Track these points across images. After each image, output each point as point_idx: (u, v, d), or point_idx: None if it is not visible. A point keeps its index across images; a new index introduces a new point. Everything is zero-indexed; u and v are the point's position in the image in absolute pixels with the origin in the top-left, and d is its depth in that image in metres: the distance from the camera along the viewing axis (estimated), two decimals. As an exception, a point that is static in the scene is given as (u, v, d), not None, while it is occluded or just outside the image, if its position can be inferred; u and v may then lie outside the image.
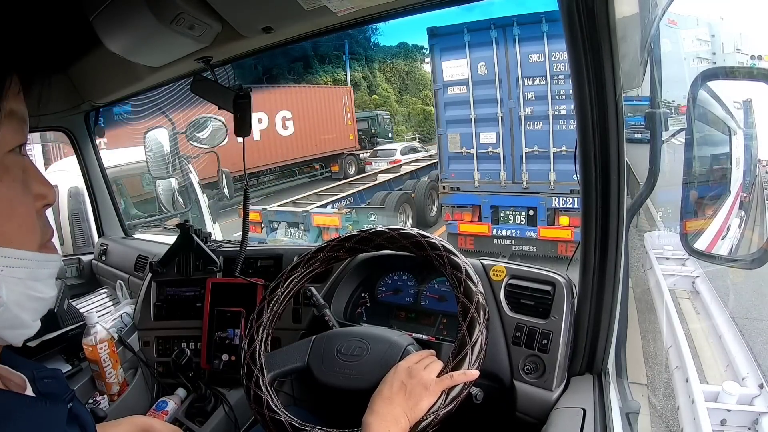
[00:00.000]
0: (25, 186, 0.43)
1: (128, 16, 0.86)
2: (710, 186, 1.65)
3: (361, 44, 20.94)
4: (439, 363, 0.79)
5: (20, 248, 0.42)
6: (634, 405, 0.98)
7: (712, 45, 11.80)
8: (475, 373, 0.77)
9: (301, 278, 1.05)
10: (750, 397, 1.76)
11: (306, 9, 0.82)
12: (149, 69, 1.13)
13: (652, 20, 0.89)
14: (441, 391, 0.74)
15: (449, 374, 0.76)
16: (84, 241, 2.66)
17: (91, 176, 1.96)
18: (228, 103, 1.14)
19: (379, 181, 9.14)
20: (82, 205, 2.65)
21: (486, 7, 8.46)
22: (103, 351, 1.23)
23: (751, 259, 1.09)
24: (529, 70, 5.41)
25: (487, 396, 0.84)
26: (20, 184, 0.42)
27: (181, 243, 1.41)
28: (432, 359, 0.81)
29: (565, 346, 0.92)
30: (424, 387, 0.74)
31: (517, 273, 1.03)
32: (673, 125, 1.10)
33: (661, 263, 2.93)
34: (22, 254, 0.42)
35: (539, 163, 5.57)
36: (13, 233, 0.41)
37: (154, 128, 2.44)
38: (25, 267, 0.42)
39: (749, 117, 1.80)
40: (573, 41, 0.74)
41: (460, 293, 0.85)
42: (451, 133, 6.02)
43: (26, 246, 0.42)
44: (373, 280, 1.24)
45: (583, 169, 0.83)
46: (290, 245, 3.19)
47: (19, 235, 0.42)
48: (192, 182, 3.39)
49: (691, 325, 2.78)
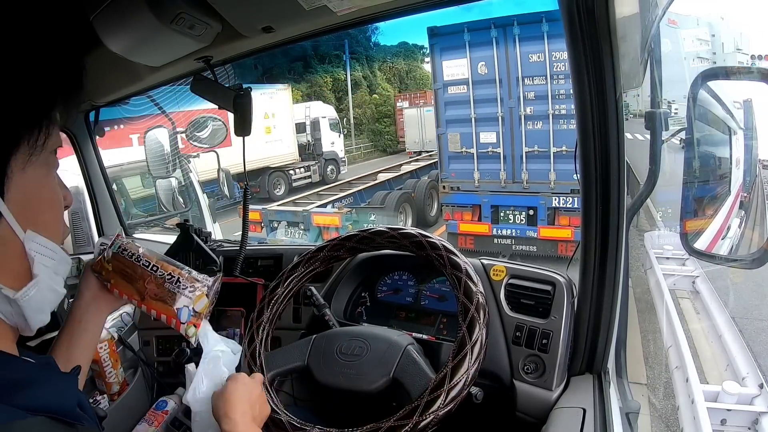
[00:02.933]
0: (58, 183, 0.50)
1: (128, 15, 0.86)
2: (710, 186, 1.65)
3: (362, 44, 20.92)
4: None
5: (52, 239, 0.47)
6: (634, 405, 0.98)
7: (713, 45, 11.80)
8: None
9: (301, 278, 1.05)
10: (750, 397, 1.76)
11: (306, 9, 0.82)
12: (149, 68, 1.13)
13: (652, 20, 0.89)
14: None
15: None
16: (84, 240, 2.66)
17: (91, 176, 1.96)
18: (228, 102, 1.13)
19: (379, 181, 9.14)
20: (82, 205, 2.64)
21: (486, 7, 8.44)
22: (103, 350, 1.23)
23: (751, 259, 1.09)
24: (530, 70, 5.41)
25: (487, 396, 0.84)
26: (57, 180, 0.50)
27: (181, 242, 1.41)
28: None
29: (565, 346, 0.92)
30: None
31: (517, 273, 1.03)
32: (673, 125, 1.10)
33: (661, 263, 2.94)
34: (51, 245, 0.47)
35: (539, 162, 5.57)
36: (51, 223, 0.48)
37: (154, 128, 2.44)
38: (52, 258, 0.47)
39: (749, 117, 1.80)
40: (573, 41, 0.74)
41: (461, 293, 0.85)
42: (451, 133, 6.02)
43: (56, 238, 0.48)
44: (373, 280, 1.24)
45: (583, 169, 0.83)
46: (290, 245, 3.19)
47: (54, 226, 0.48)
48: (192, 182, 3.39)
49: (691, 325, 2.79)
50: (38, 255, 0.45)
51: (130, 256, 0.69)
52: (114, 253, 0.69)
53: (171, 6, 0.82)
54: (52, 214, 0.48)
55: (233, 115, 1.14)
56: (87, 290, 0.69)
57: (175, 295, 0.66)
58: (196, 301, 0.67)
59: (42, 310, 0.47)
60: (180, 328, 0.68)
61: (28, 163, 0.43)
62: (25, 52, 0.42)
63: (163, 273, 0.68)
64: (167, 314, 0.67)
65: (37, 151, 0.44)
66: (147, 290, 0.67)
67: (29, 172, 0.44)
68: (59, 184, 0.51)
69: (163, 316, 0.67)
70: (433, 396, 0.76)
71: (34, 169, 0.44)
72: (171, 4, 0.82)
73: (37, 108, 0.44)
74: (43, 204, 0.47)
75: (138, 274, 0.68)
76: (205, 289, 0.68)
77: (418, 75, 21.83)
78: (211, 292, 0.69)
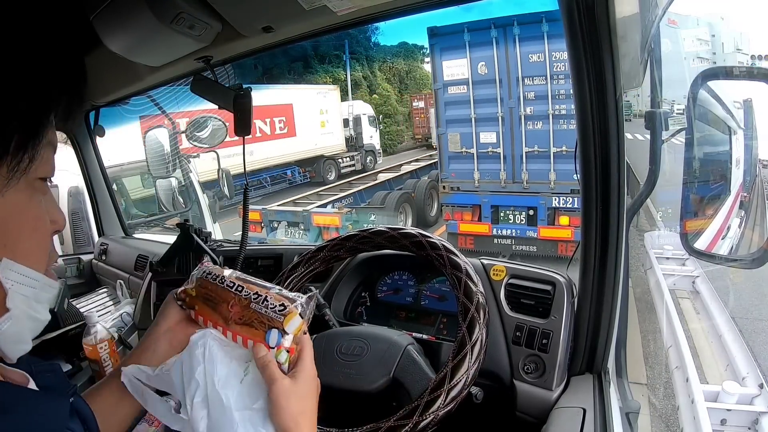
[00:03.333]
0: (44, 209, 0.46)
1: (128, 15, 0.86)
2: (710, 186, 1.65)
3: (362, 44, 20.89)
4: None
5: (33, 267, 0.44)
6: (634, 405, 0.98)
7: (713, 45, 11.81)
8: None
9: (302, 277, 1.05)
10: (750, 397, 1.76)
11: (306, 8, 0.82)
12: (149, 68, 1.13)
13: (652, 20, 0.89)
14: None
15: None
16: (84, 240, 2.66)
17: (91, 176, 1.97)
18: (228, 102, 1.13)
19: (379, 181, 9.16)
20: (82, 205, 2.65)
21: (486, 7, 8.44)
22: (103, 350, 1.23)
23: (751, 259, 1.10)
24: (530, 70, 5.41)
25: (487, 396, 0.84)
26: (43, 206, 0.45)
27: (181, 242, 1.41)
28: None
29: (565, 346, 0.92)
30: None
31: (518, 273, 1.03)
32: (672, 125, 1.10)
33: (661, 263, 2.94)
34: (31, 273, 0.44)
35: (539, 162, 5.57)
36: (32, 250, 0.44)
37: (154, 128, 2.44)
38: (32, 287, 0.44)
39: (749, 117, 1.81)
40: (573, 41, 0.74)
41: (461, 293, 0.85)
42: (451, 133, 6.02)
43: (37, 266, 0.45)
44: (373, 280, 1.24)
45: (583, 169, 0.83)
46: (290, 245, 3.19)
47: (36, 254, 0.45)
48: (192, 181, 3.39)
49: (691, 325, 2.79)
50: (15, 284, 0.42)
51: (214, 279, 0.62)
52: (198, 278, 0.63)
53: (171, 6, 0.82)
54: (33, 242, 0.44)
55: (233, 115, 1.14)
56: (164, 321, 0.64)
57: (262, 316, 0.57)
58: (286, 323, 0.56)
59: (21, 341, 0.44)
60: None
61: (7, 186, 0.40)
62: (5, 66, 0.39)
63: (249, 293, 0.59)
64: (254, 338, 0.57)
65: (17, 175, 0.40)
66: (231, 314, 0.59)
67: (8, 197, 0.41)
68: (51, 205, 0.47)
69: (249, 342, 0.57)
70: (433, 396, 0.76)
71: (15, 193, 0.41)
72: (171, 4, 0.82)
73: (21, 128, 0.40)
74: (23, 231, 0.43)
75: (221, 297, 0.61)
76: (298, 308, 0.58)
77: (418, 75, 21.81)
78: (306, 312, 0.59)
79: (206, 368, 0.56)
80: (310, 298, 0.60)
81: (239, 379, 0.56)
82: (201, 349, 0.57)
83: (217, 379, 0.55)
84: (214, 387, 0.54)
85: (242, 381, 0.56)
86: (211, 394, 0.54)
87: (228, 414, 0.53)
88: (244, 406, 0.54)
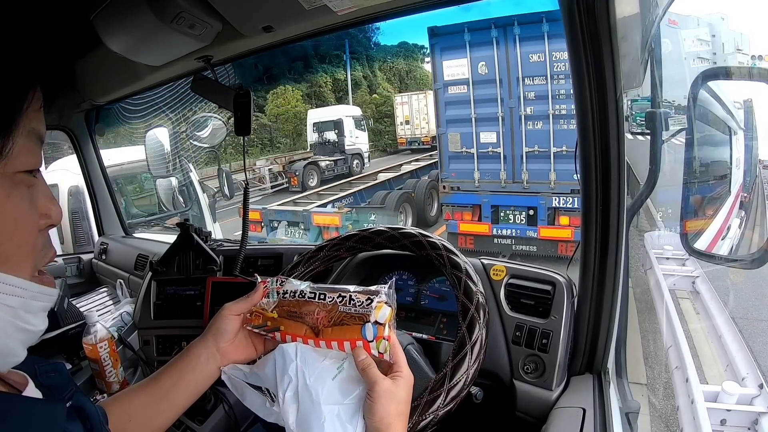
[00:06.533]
0: (31, 203, 0.41)
1: (129, 15, 0.86)
2: (710, 186, 1.65)
3: (362, 43, 20.91)
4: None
5: (16, 271, 0.40)
6: (633, 405, 0.98)
7: (713, 45, 11.80)
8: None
9: (301, 277, 1.05)
10: (750, 397, 1.76)
11: (306, 8, 0.82)
12: (149, 68, 1.13)
13: (652, 20, 0.89)
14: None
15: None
16: (84, 239, 2.67)
17: (91, 175, 1.97)
18: (228, 102, 1.13)
19: (379, 181, 9.15)
20: (83, 204, 2.65)
21: (486, 7, 8.43)
22: (103, 350, 1.23)
23: (751, 259, 1.10)
24: (530, 70, 5.41)
25: (487, 395, 0.84)
26: (27, 201, 0.41)
27: (181, 242, 1.41)
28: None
29: (565, 346, 0.92)
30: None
31: (517, 272, 1.03)
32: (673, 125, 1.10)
33: (661, 263, 2.93)
34: (17, 282, 0.39)
35: (539, 162, 5.58)
36: (12, 253, 0.39)
37: (155, 127, 2.44)
38: (18, 296, 0.40)
39: (749, 117, 1.81)
40: (573, 41, 0.74)
41: (460, 293, 0.85)
42: (451, 133, 6.03)
43: (22, 269, 0.40)
44: (373, 280, 1.24)
45: (583, 169, 0.83)
46: (290, 244, 3.19)
47: (18, 256, 0.40)
48: (192, 181, 3.39)
49: (691, 325, 2.78)
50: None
51: (292, 296, 0.63)
52: (275, 300, 0.64)
53: (171, 5, 0.82)
54: (12, 245, 0.39)
55: (234, 114, 1.14)
56: (213, 340, 0.63)
57: (353, 315, 0.59)
58: (377, 314, 0.58)
59: (9, 354, 0.40)
60: (370, 349, 0.58)
61: None
62: None
63: (332, 297, 0.61)
64: (351, 338, 0.58)
65: None
66: (319, 318, 0.60)
67: None
68: (43, 198, 0.43)
69: (346, 343, 0.58)
70: (433, 396, 0.76)
71: None
72: (171, 4, 0.82)
73: None
74: (1, 234, 0.38)
75: (303, 310, 0.61)
76: (383, 298, 0.59)
77: (418, 75, 21.84)
78: (391, 300, 0.60)
79: (298, 365, 0.58)
80: (390, 287, 0.61)
81: (332, 376, 0.58)
82: (293, 349, 0.60)
83: (308, 375, 0.58)
84: (305, 383, 0.57)
85: (335, 378, 0.58)
86: (302, 389, 0.57)
87: (317, 408, 0.56)
88: (334, 401, 0.56)
